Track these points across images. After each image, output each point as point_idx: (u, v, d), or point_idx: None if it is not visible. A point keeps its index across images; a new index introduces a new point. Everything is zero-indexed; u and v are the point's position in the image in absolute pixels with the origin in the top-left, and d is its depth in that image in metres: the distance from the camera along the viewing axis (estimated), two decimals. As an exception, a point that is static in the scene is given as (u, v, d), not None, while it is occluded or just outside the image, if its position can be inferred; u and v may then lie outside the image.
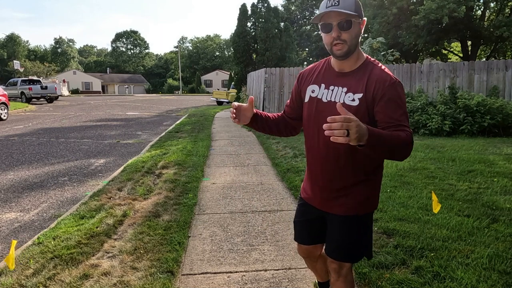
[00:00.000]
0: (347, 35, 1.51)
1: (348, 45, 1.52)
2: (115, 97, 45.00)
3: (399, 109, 1.48)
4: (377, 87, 1.50)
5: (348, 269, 1.79)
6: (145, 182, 5.22)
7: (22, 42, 76.28)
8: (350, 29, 1.50)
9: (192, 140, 9.10)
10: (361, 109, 1.52)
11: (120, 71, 79.09)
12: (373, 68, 1.56)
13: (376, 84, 1.51)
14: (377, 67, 1.56)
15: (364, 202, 1.67)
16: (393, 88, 1.50)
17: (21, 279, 2.67)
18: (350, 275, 1.82)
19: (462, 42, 26.73)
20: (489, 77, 10.03)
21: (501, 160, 6.00)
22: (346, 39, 1.51)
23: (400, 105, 1.49)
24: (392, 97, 1.49)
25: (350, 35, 1.51)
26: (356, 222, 1.69)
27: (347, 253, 1.74)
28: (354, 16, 1.49)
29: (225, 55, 77.37)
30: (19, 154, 7.90)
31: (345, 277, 1.78)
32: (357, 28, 1.53)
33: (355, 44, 1.54)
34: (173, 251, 3.06)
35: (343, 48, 1.53)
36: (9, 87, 26.89)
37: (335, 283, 1.82)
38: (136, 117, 17.01)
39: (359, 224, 1.70)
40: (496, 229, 3.33)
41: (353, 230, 1.70)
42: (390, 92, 1.49)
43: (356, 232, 1.71)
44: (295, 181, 5.11)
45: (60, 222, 3.79)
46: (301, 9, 45.25)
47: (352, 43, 1.53)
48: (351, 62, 1.59)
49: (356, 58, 1.59)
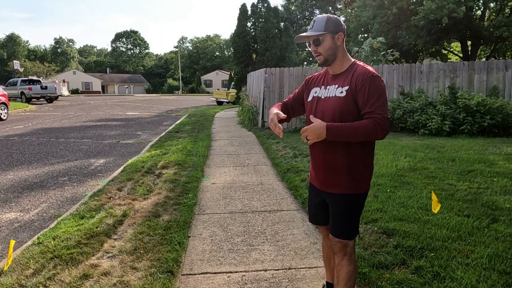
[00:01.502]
0: (321, 49, 1.93)
1: (324, 56, 1.93)
2: (115, 97, 44.99)
3: (372, 98, 1.81)
4: (358, 79, 1.86)
5: (351, 248, 2.02)
6: (145, 182, 5.22)
7: (22, 42, 76.24)
8: (320, 45, 1.92)
9: (192, 140, 9.10)
10: (348, 98, 1.87)
11: (120, 71, 79.08)
12: (357, 67, 1.92)
13: (357, 77, 1.87)
14: (360, 66, 1.92)
15: (357, 183, 1.94)
16: (370, 80, 1.83)
17: (21, 279, 2.67)
18: (353, 255, 2.04)
19: (462, 42, 26.72)
20: (489, 77, 10.03)
21: (501, 160, 6.00)
22: (321, 52, 1.93)
23: (373, 94, 1.81)
24: (368, 87, 1.82)
25: (323, 48, 1.92)
26: (350, 201, 1.96)
27: (344, 230, 1.98)
28: (323, 34, 1.90)
29: (225, 55, 77.37)
30: (19, 154, 7.90)
31: (350, 256, 2.01)
32: (329, 42, 1.91)
33: (331, 54, 1.93)
34: (173, 251, 3.06)
35: (320, 59, 1.95)
36: (9, 87, 26.90)
37: (340, 263, 2.02)
38: (136, 117, 17.01)
39: (353, 203, 1.97)
40: (496, 229, 3.33)
41: (347, 208, 1.96)
42: (367, 83, 1.83)
43: (350, 210, 1.97)
44: (295, 181, 5.11)
45: (60, 222, 3.79)
46: (301, 9, 45.23)
47: (327, 53, 1.93)
48: (338, 66, 1.98)
49: (341, 62, 1.97)
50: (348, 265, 2.00)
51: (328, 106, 1.92)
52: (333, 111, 1.89)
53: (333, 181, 1.97)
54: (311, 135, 1.82)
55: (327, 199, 2.04)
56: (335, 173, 1.96)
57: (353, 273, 2.01)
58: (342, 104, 1.87)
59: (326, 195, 2.04)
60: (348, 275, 2.00)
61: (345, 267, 2.00)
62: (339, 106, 1.88)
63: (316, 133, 1.81)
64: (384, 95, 1.84)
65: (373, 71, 1.86)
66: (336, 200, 1.98)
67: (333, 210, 2.01)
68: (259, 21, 26.11)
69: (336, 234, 2.00)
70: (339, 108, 1.88)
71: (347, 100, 1.87)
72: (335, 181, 1.97)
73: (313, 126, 1.83)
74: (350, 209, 1.97)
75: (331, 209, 2.02)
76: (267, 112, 11.78)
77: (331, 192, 1.99)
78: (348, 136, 1.81)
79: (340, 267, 2.01)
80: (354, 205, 1.97)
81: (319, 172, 2.05)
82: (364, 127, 1.79)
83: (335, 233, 2.00)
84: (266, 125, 11.82)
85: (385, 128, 1.79)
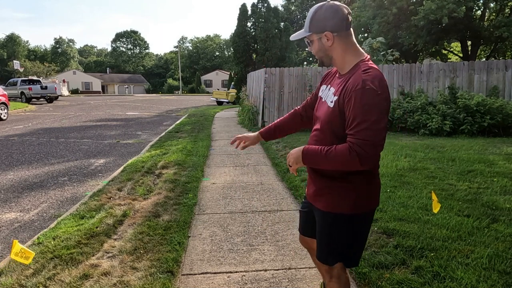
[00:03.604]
0: (313, 50, 1.71)
1: (319, 56, 1.70)
2: (115, 97, 44.99)
3: (357, 117, 1.47)
4: (347, 91, 1.54)
5: (339, 270, 1.77)
6: (145, 182, 5.22)
7: (22, 42, 76.27)
8: (310, 46, 1.71)
9: (192, 140, 9.09)
10: (334, 110, 1.61)
11: (120, 71, 79.08)
12: (355, 72, 1.57)
13: (347, 88, 1.54)
14: (360, 70, 1.55)
15: (344, 202, 1.64)
16: (359, 93, 1.47)
17: (21, 279, 2.67)
18: (343, 275, 1.80)
19: (462, 42, 26.72)
20: (489, 77, 10.03)
21: (501, 160, 6.00)
22: (314, 53, 1.71)
23: (358, 113, 1.46)
24: (354, 101, 1.48)
25: (314, 50, 1.70)
26: (333, 221, 1.68)
27: (325, 253, 1.75)
28: (309, 35, 1.66)
29: (225, 55, 77.35)
30: (19, 154, 7.90)
31: (338, 278, 1.78)
32: (316, 44, 1.66)
33: (323, 56, 1.68)
34: (173, 251, 3.06)
35: (319, 59, 1.73)
36: (9, 87, 26.90)
37: (328, 284, 1.83)
38: (136, 117, 17.01)
39: (335, 224, 1.68)
40: (496, 229, 3.33)
41: (329, 229, 1.70)
42: (353, 96, 1.49)
43: (332, 232, 1.70)
44: (295, 181, 5.11)
45: (60, 222, 3.79)
46: (301, 9, 45.25)
47: (320, 55, 1.69)
48: (339, 67, 1.69)
49: (342, 62, 1.66)
50: (338, 287, 1.80)
51: (321, 112, 1.73)
52: (324, 119, 1.68)
53: (318, 192, 1.75)
54: (291, 160, 1.68)
55: (314, 213, 1.83)
56: (319, 182, 1.74)
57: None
58: (330, 115, 1.62)
59: (313, 208, 1.82)
60: None
61: None
62: (328, 116, 1.64)
63: (294, 157, 1.67)
64: (373, 113, 1.45)
65: (368, 82, 1.48)
66: (319, 216, 1.76)
67: (317, 227, 1.78)
68: (259, 21, 26.11)
69: (317, 255, 1.80)
70: (328, 119, 1.64)
71: (334, 112, 1.60)
72: (318, 193, 1.74)
73: (293, 151, 1.70)
74: (331, 230, 1.70)
75: (316, 225, 1.80)
76: (267, 112, 11.79)
77: (315, 206, 1.77)
78: (321, 162, 1.58)
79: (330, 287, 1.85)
80: (336, 227, 1.68)
81: (309, 180, 1.85)
82: (337, 155, 1.51)
83: (317, 253, 1.79)
84: (266, 125, 11.79)
85: (363, 157, 1.44)
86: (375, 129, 1.44)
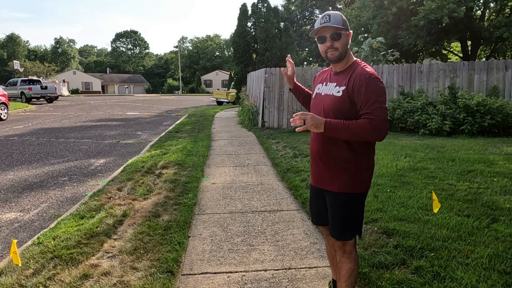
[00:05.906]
0: (338, 44, 1.93)
1: (340, 51, 1.94)
2: (115, 97, 44.99)
3: (370, 99, 1.82)
4: (355, 81, 1.88)
5: (351, 246, 2.04)
6: (145, 182, 5.22)
7: (22, 42, 76.23)
8: (340, 39, 1.93)
9: (192, 140, 9.09)
10: (343, 98, 1.91)
11: (120, 71, 79.09)
12: (357, 67, 1.94)
13: (355, 78, 1.89)
14: (360, 67, 1.94)
15: (353, 182, 1.95)
16: (367, 81, 1.85)
17: (21, 279, 2.67)
18: (354, 252, 2.06)
19: (462, 42, 26.72)
20: (489, 77, 10.03)
21: (501, 160, 6.00)
22: (338, 47, 1.94)
23: (371, 96, 1.82)
24: (366, 88, 1.84)
25: (341, 43, 1.93)
26: (346, 200, 1.96)
27: (341, 230, 2.00)
28: (342, 29, 1.92)
29: (225, 55, 77.36)
30: (19, 154, 7.90)
31: (349, 254, 2.04)
32: (345, 38, 1.95)
33: (345, 51, 1.96)
34: (173, 251, 3.06)
35: (335, 53, 1.95)
36: (9, 87, 26.89)
37: (340, 260, 2.06)
38: (136, 117, 17.01)
39: (350, 203, 1.96)
40: (496, 229, 3.33)
41: (344, 207, 1.97)
42: (364, 84, 1.85)
43: (347, 210, 1.97)
44: (295, 181, 5.11)
45: (60, 222, 3.79)
46: (301, 9, 45.18)
47: (343, 49, 1.95)
48: (342, 64, 2.00)
49: (346, 61, 1.99)
50: (348, 262, 2.03)
51: (326, 103, 1.98)
52: (329, 109, 1.95)
53: (330, 178, 1.99)
54: (311, 121, 1.81)
55: (326, 197, 2.06)
56: (333, 166, 1.97)
57: (353, 270, 2.04)
58: (338, 103, 1.92)
59: (324, 193, 2.05)
60: (349, 272, 2.03)
61: (345, 264, 2.04)
62: (335, 104, 1.93)
63: (316, 121, 1.82)
64: (382, 96, 1.84)
65: (371, 72, 1.87)
66: (333, 199, 1.99)
67: (330, 209, 2.03)
68: (259, 21, 26.10)
69: (332, 234, 2.03)
70: (335, 107, 1.93)
71: (343, 100, 1.91)
72: (332, 178, 1.99)
73: (313, 115, 1.84)
74: (346, 208, 1.97)
75: (328, 208, 2.04)
76: (267, 112, 11.79)
77: (327, 190, 2.02)
78: (344, 133, 1.84)
79: (341, 265, 2.06)
80: (351, 205, 1.97)
81: (318, 167, 2.06)
82: (360, 128, 1.81)
83: (332, 233, 2.04)
84: (266, 125, 11.82)
85: (381, 129, 1.80)
86: (385, 108, 1.84)
